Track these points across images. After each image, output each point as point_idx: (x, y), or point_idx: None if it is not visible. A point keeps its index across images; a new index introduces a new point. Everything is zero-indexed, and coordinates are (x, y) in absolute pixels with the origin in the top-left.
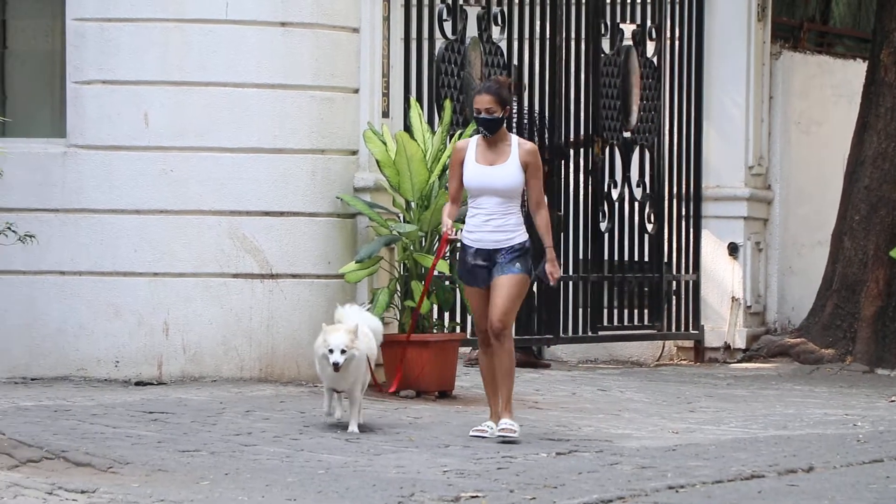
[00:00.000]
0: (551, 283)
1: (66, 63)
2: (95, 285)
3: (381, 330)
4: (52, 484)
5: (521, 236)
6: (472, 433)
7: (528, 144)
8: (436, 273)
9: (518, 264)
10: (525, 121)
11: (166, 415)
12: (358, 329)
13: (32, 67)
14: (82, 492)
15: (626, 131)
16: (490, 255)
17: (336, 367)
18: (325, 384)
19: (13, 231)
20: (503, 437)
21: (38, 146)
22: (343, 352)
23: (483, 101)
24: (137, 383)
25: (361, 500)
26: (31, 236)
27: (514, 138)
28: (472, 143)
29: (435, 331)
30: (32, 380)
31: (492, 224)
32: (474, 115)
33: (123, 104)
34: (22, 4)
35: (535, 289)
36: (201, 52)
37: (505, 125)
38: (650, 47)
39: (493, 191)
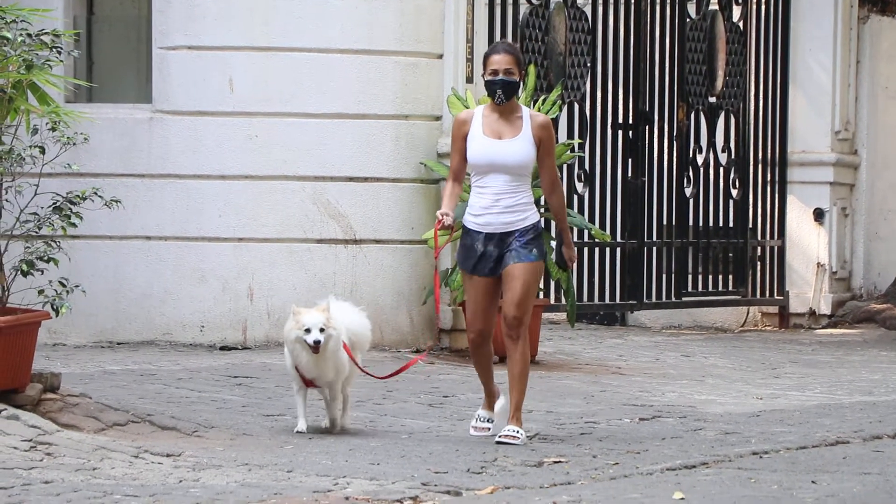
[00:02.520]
0: (568, 268)
1: (151, 28)
2: (181, 250)
3: (368, 330)
4: (137, 447)
5: (534, 216)
6: (497, 439)
7: (541, 117)
8: None
9: (535, 250)
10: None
11: (251, 379)
12: (330, 309)
13: (118, 33)
14: (168, 455)
15: (712, 96)
16: (501, 240)
17: (316, 346)
18: (298, 380)
19: (99, 196)
20: (503, 441)
21: (124, 112)
22: (322, 330)
23: (502, 61)
24: (222, 348)
25: (445, 464)
26: (116, 201)
27: (526, 110)
28: (477, 114)
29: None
30: (119, 344)
31: (501, 204)
32: (489, 76)
33: (209, 69)
34: None
35: (618, 255)
36: (286, 17)
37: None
38: (736, 12)
39: (503, 167)
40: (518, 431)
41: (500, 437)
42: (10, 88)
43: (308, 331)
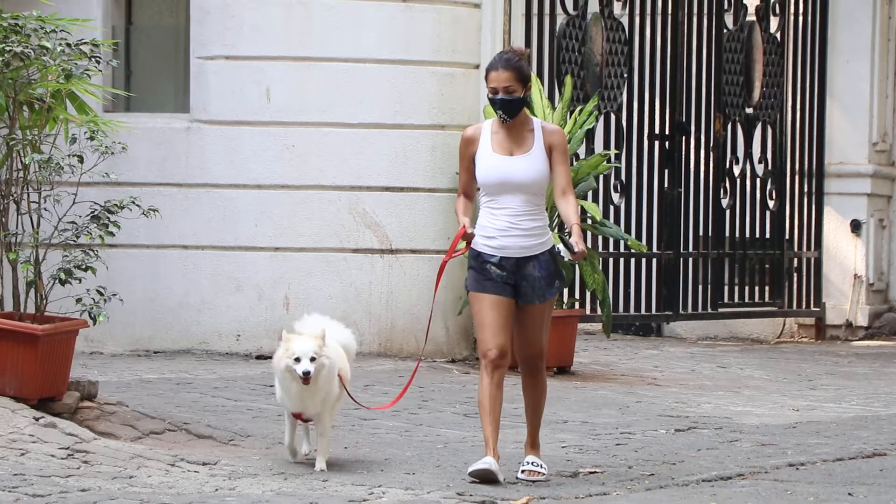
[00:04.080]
0: (572, 258)
1: (189, 39)
2: (217, 259)
3: (353, 347)
4: (174, 456)
5: (551, 239)
6: (470, 471)
7: (553, 126)
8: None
9: (557, 282)
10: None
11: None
12: (326, 336)
13: (157, 43)
14: (204, 464)
15: (749, 107)
16: (518, 265)
17: (306, 377)
18: (288, 409)
19: (137, 205)
20: (526, 478)
21: (161, 121)
22: (312, 359)
23: (501, 79)
24: (258, 357)
25: (515, 458)
26: (154, 210)
27: (537, 121)
28: (484, 130)
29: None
30: (155, 353)
31: (521, 227)
32: (489, 94)
33: (246, 80)
34: None
35: (654, 265)
36: (323, 27)
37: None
38: (773, 23)
39: (518, 186)
40: (539, 464)
41: (522, 471)
42: (50, 98)
43: (298, 360)
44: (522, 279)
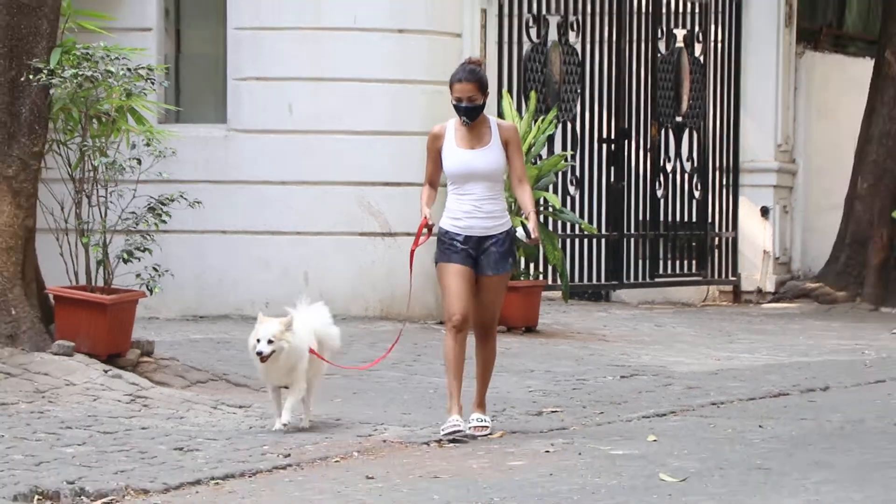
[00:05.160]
0: (529, 242)
1: (227, 64)
2: (250, 242)
3: (336, 335)
4: (216, 400)
5: (508, 221)
6: (444, 433)
7: (507, 123)
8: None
9: (510, 259)
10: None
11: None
12: (292, 323)
13: (200, 67)
14: (240, 406)
15: (678, 116)
16: (479, 243)
17: (259, 356)
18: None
19: (184, 198)
20: (474, 434)
21: (204, 130)
22: (270, 342)
23: (464, 90)
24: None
25: (464, 412)
26: (198, 202)
27: (492, 119)
28: (449, 128)
29: (522, 279)
30: (200, 318)
31: (484, 210)
32: (454, 101)
33: (272, 96)
34: (193, 18)
35: (603, 244)
36: (334, 54)
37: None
38: (698, 48)
39: (480, 175)
40: (484, 419)
41: (469, 427)
42: (114, 112)
43: (259, 341)
44: (482, 254)
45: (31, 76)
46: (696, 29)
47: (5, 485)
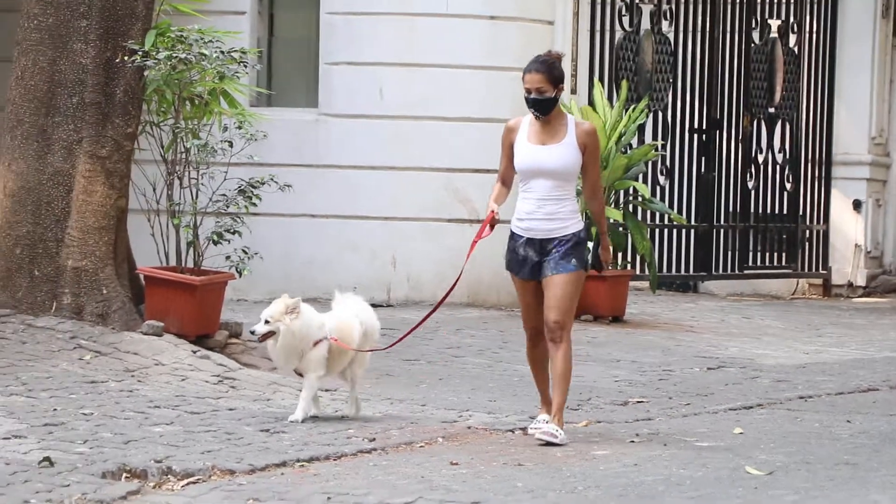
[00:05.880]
0: (603, 270)
1: (319, 48)
2: (339, 226)
3: (376, 326)
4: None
5: (577, 224)
6: (537, 436)
7: (587, 124)
8: (610, 220)
9: (574, 260)
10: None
11: (392, 331)
12: (298, 307)
13: (293, 51)
14: (326, 390)
15: (771, 107)
16: (542, 246)
17: (253, 334)
18: None
19: (275, 182)
20: (541, 439)
21: (295, 114)
22: (267, 322)
23: (533, 80)
24: (371, 305)
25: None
26: (288, 186)
27: (571, 118)
28: (524, 123)
29: (610, 268)
30: None
31: (544, 210)
32: (525, 93)
33: (363, 81)
34: (286, 2)
35: (692, 235)
36: (426, 39)
37: (560, 104)
38: (792, 38)
39: (547, 172)
40: (558, 431)
41: (540, 434)
42: (207, 94)
43: (260, 319)
44: (545, 257)
45: (125, 58)
46: (791, 19)
47: (94, 462)
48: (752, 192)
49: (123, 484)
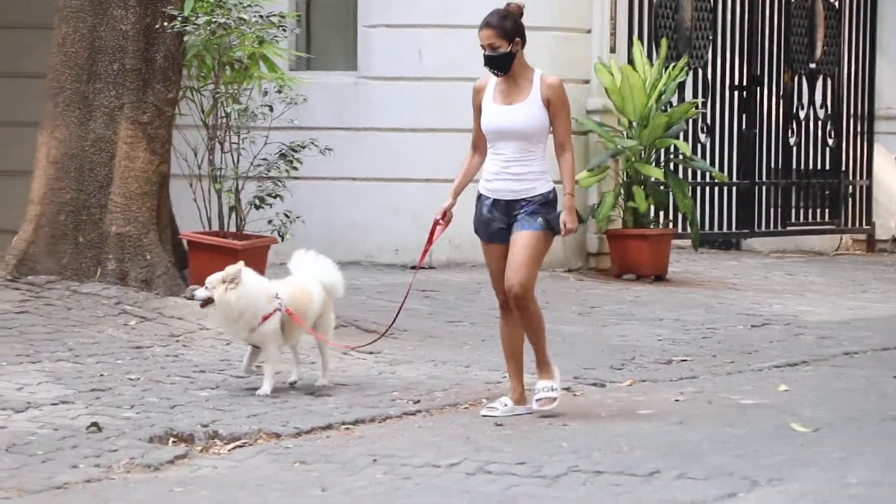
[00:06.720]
0: (562, 235)
1: (357, 11)
2: (380, 189)
3: (336, 284)
4: (347, 346)
5: (545, 185)
6: (482, 413)
7: (552, 78)
8: (651, 179)
9: (540, 219)
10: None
11: (435, 293)
12: (242, 274)
13: (331, 14)
14: (370, 353)
15: (812, 63)
16: (508, 208)
17: (191, 298)
18: None
19: (315, 145)
20: (541, 408)
21: (335, 78)
22: (207, 288)
23: (484, 37)
24: (412, 267)
25: (592, 362)
26: (329, 149)
27: (538, 73)
28: (490, 82)
29: (651, 227)
30: None
31: (511, 171)
32: (481, 51)
33: (402, 43)
34: None
35: (734, 192)
36: (463, 0)
37: (523, 59)
38: None
39: (511, 133)
40: (553, 388)
41: (536, 400)
42: (247, 59)
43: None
44: (513, 219)
45: (165, 23)
46: None
47: (141, 427)
48: (794, 149)
49: (170, 448)
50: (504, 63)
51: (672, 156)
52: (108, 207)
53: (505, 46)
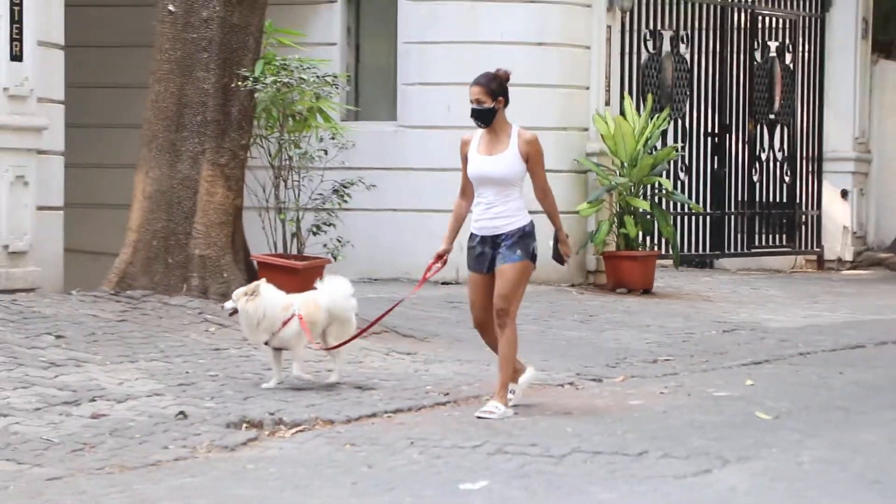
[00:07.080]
0: (564, 264)
1: (397, 71)
2: (416, 218)
3: (344, 307)
4: (388, 348)
5: (522, 220)
6: (476, 414)
7: (528, 134)
8: (640, 210)
9: (519, 251)
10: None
11: (462, 304)
12: (257, 290)
13: (375, 75)
14: (408, 353)
15: (772, 114)
16: (494, 241)
17: (222, 308)
18: None
19: (362, 182)
20: (480, 416)
21: (378, 126)
22: (233, 300)
23: (472, 92)
24: (443, 283)
25: (590, 360)
26: (373, 186)
27: (515, 128)
28: (476, 136)
29: (640, 249)
30: (374, 280)
31: (492, 211)
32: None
33: (434, 99)
34: (369, 34)
35: (708, 221)
36: (485, 62)
37: (504, 116)
38: (788, 57)
39: (491, 180)
40: (497, 407)
41: (480, 411)
42: (306, 112)
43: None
44: (496, 251)
45: (239, 83)
46: (787, 41)
47: (219, 415)
48: (757, 185)
49: (244, 432)
50: (487, 117)
51: (657, 190)
52: (193, 234)
53: (489, 103)
